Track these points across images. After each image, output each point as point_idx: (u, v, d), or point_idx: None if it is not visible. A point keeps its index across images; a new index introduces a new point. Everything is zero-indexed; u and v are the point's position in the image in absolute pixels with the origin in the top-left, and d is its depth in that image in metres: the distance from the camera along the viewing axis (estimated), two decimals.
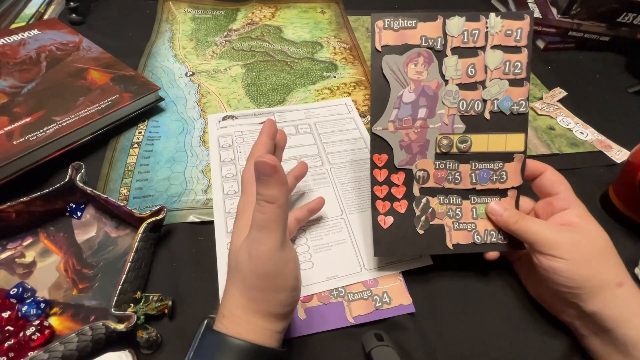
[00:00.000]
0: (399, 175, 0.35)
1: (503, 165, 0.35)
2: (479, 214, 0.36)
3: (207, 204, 0.42)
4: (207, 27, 0.69)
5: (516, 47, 0.34)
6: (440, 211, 0.35)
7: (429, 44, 0.34)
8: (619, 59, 0.70)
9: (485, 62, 0.34)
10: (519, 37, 0.34)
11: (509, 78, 0.34)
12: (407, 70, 0.34)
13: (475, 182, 0.35)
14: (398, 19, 0.33)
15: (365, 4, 0.78)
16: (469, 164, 0.35)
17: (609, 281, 0.30)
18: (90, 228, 0.39)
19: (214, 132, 0.50)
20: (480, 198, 0.36)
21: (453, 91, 0.34)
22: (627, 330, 0.29)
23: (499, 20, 0.34)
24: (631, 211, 0.43)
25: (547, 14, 0.71)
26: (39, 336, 0.31)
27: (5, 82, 0.47)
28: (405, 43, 0.34)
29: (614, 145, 0.53)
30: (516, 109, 0.35)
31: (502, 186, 0.35)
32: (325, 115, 0.54)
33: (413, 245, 0.35)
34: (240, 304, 0.26)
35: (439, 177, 0.35)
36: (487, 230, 0.36)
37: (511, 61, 0.34)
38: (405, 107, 0.34)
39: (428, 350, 0.33)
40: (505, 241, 0.35)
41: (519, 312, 0.36)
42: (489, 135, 0.35)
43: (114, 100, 0.47)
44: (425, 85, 0.34)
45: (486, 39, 0.34)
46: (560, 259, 0.30)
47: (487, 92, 0.34)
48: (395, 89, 0.34)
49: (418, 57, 0.34)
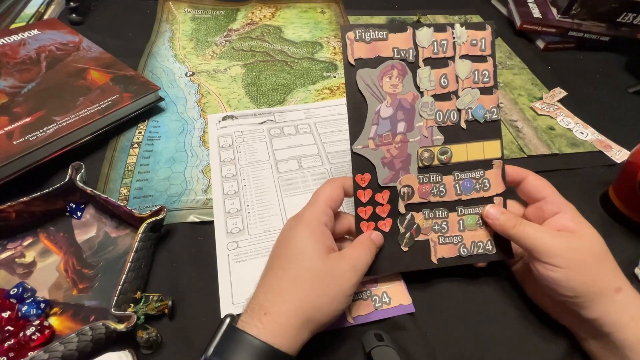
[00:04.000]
0: (384, 194, 0.34)
1: (484, 173, 0.35)
2: (466, 226, 0.35)
3: (207, 204, 0.42)
4: (207, 27, 0.69)
5: (482, 57, 0.34)
6: (426, 226, 0.35)
7: (402, 55, 0.33)
8: (619, 59, 0.70)
9: (456, 71, 0.34)
10: (483, 46, 0.34)
11: (479, 87, 0.35)
12: (383, 83, 0.33)
13: (460, 192, 0.35)
14: (369, 30, 0.33)
15: (365, 4, 0.78)
16: (452, 175, 0.35)
17: (607, 287, 0.30)
18: (90, 228, 0.39)
19: (214, 132, 0.50)
20: (467, 209, 0.35)
21: (429, 102, 0.34)
22: (625, 334, 0.29)
23: (464, 30, 0.34)
24: (631, 211, 0.43)
25: (547, 14, 0.71)
26: (39, 336, 0.31)
27: (5, 82, 0.47)
28: (378, 55, 0.33)
29: (614, 145, 0.53)
30: (489, 117, 0.35)
31: (487, 194, 0.35)
32: (325, 115, 0.54)
33: (397, 263, 0.35)
34: (294, 310, 0.27)
35: (424, 191, 0.34)
36: (475, 241, 0.35)
37: (479, 70, 0.34)
38: (383, 123, 0.33)
39: (428, 350, 0.33)
40: (493, 251, 0.35)
41: (519, 312, 0.36)
42: (467, 144, 0.35)
43: (114, 100, 0.47)
44: (402, 98, 0.34)
45: (454, 49, 0.34)
46: (558, 268, 0.30)
47: (460, 101, 0.34)
48: (372, 104, 0.33)
49: (392, 69, 0.33)
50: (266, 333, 0.26)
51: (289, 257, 0.30)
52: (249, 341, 0.25)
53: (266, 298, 0.28)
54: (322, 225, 0.31)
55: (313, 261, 0.29)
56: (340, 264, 0.30)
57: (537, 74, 0.64)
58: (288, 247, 0.30)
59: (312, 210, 0.32)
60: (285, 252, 0.30)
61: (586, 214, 0.33)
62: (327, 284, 0.28)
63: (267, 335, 0.26)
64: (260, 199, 0.43)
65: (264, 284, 0.29)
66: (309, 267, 0.29)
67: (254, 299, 0.28)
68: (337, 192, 0.33)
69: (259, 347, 0.25)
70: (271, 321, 0.26)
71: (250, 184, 0.44)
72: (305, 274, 0.28)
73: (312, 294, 0.28)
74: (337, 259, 0.30)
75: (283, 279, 0.29)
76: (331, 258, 0.30)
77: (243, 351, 0.25)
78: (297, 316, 0.27)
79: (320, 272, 0.29)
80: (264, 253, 0.38)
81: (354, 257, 0.31)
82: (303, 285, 0.28)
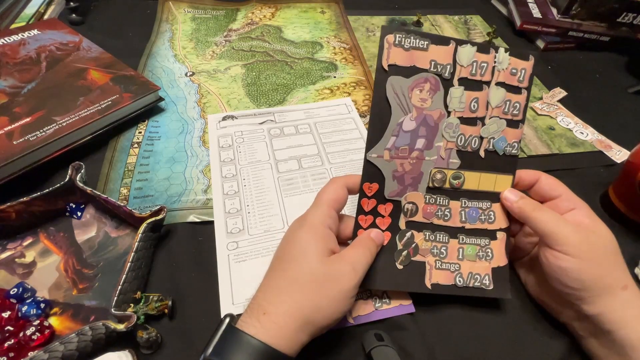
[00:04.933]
0: (387, 207, 0.33)
1: (491, 205, 0.35)
2: (465, 255, 0.34)
3: (207, 204, 0.42)
4: (207, 27, 0.69)
5: (518, 88, 0.34)
6: (424, 247, 0.34)
7: (438, 70, 0.32)
8: (619, 59, 0.70)
9: (489, 98, 0.33)
10: (522, 77, 0.33)
11: (507, 118, 0.34)
12: (412, 95, 0.32)
13: (465, 220, 0.34)
14: (410, 37, 0.31)
15: (365, 4, 0.78)
16: (460, 201, 0.34)
17: (615, 284, 0.30)
18: (90, 228, 0.39)
19: (214, 132, 0.50)
20: (470, 238, 0.34)
21: (454, 124, 0.33)
22: (627, 332, 0.29)
23: (507, 56, 0.33)
24: (631, 211, 0.43)
25: (547, 14, 0.71)
26: (39, 336, 0.31)
27: (5, 82, 0.47)
28: (413, 65, 0.31)
29: (614, 145, 0.53)
30: (509, 150, 0.34)
31: (490, 227, 0.35)
32: (325, 115, 0.54)
33: (390, 279, 0.34)
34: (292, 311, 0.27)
35: (428, 211, 0.34)
36: (472, 273, 0.34)
37: (511, 101, 0.34)
38: (404, 136, 0.32)
39: (428, 350, 0.33)
40: (490, 287, 0.34)
41: (519, 312, 0.36)
42: (481, 173, 0.34)
43: (114, 100, 0.47)
44: (428, 114, 0.32)
45: (492, 74, 0.33)
46: (570, 257, 0.30)
47: (485, 129, 0.34)
48: (396, 115, 0.32)
49: (425, 82, 0.32)
50: (264, 333, 0.26)
51: (289, 258, 0.30)
52: (247, 341, 0.25)
53: (265, 298, 0.28)
54: (325, 228, 0.31)
55: (312, 263, 0.29)
56: (340, 265, 0.29)
57: (537, 74, 0.64)
58: (290, 248, 0.30)
59: (316, 212, 0.31)
60: (287, 254, 0.30)
61: None
62: (326, 286, 0.28)
63: (265, 335, 0.26)
64: (260, 199, 0.43)
65: (264, 285, 0.29)
66: (308, 269, 0.29)
67: (254, 299, 0.29)
68: (341, 193, 0.33)
69: (257, 347, 0.25)
70: (269, 321, 0.26)
71: (250, 184, 0.44)
72: (304, 275, 0.28)
73: (311, 295, 0.28)
74: (336, 260, 0.30)
75: (282, 279, 0.29)
76: (330, 260, 0.30)
77: (241, 351, 0.25)
78: (295, 317, 0.27)
79: (319, 273, 0.28)
80: (264, 253, 0.38)
81: (353, 257, 0.30)
82: (302, 286, 0.28)
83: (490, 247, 0.35)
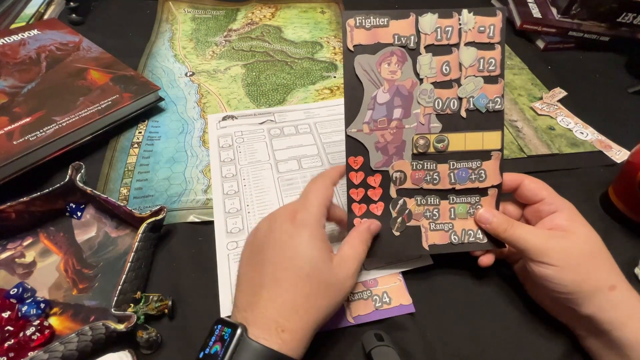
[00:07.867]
0: (376, 177, 0.34)
1: (481, 163, 0.35)
2: (457, 214, 0.35)
3: (207, 204, 0.42)
4: (207, 27, 0.69)
5: (490, 44, 0.34)
6: (417, 212, 0.35)
7: (402, 42, 0.33)
8: (619, 59, 0.70)
9: (460, 59, 0.34)
10: (492, 33, 0.34)
11: (484, 75, 0.34)
12: (381, 70, 0.33)
13: (455, 181, 0.35)
14: (370, 17, 0.32)
15: (365, 3, 0.78)
16: (447, 164, 0.35)
17: (600, 285, 0.30)
18: (90, 228, 0.39)
19: (214, 132, 0.50)
20: (459, 197, 0.35)
21: (428, 90, 0.33)
22: (621, 332, 0.29)
23: (471, 16, 0.33)
24: (631, 211, 0.43)
25: (547, 14, 0.71)
26: (39, 336, 0.31)
27: (5, 82, 0.47)
28: (377, 42, 0.33)
29: (614, 145, 0.53)
30: (492, 107, 0.34)
31: (482, 185, 0.35)
32: (325, 115, 0.54)
33: (389, 247, 0.35)
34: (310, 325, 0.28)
35: (417, 177, 0.34)
36: (465, 229, 0.35)
37: (485, 58, 0.34)
38: (379, 108, 0.33)
39: (428, 350, 0.33)
40: (484, 240, 0.35)
41: (519, 312, 0.36)
42: (466, 133, 0.34)
43: (114, 101, 0.47)
44: (400, 84, 0.33)
45: (459, 36, 0.33)
46: (550, 265, 0.30)
47: (462, 90, 0.34)
48: (368, 90, 0.33)
49: (391, 56, 0.33)
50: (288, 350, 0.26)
51: (300, 271, 0.28)
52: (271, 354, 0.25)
53: (281, 315, 0.27)
54: (322, 228, 0.31)
55: (323, 274, 0.29)
56: (345, 270, 0.30)
57: (537, 74, 0.64)
58: (296, 258, 0.29)
59: (311, 215, 0.30)
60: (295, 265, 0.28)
61: (586, 214, 0.33)
62: (335, 293, 0.29)
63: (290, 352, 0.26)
64: (260, 199, 0.43)
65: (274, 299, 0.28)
66: (321, 281, 0.29)
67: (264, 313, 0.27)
68: (330, 192, 0.33)
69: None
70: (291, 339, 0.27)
71: (250, 184, 0.44)
72: (317, 290, 0.28)
73: (324, 306, 0.29)
74: (341, 266, 0.30)
75: (297, 295, 0.28)
76: (336, 267, 0.30)
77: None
78: (312, 328, 0.28)
79: (330, 284, 0.29)
80: None
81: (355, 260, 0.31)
82: (317, 299, 0.28)
83: (481, 203, 0.35)
